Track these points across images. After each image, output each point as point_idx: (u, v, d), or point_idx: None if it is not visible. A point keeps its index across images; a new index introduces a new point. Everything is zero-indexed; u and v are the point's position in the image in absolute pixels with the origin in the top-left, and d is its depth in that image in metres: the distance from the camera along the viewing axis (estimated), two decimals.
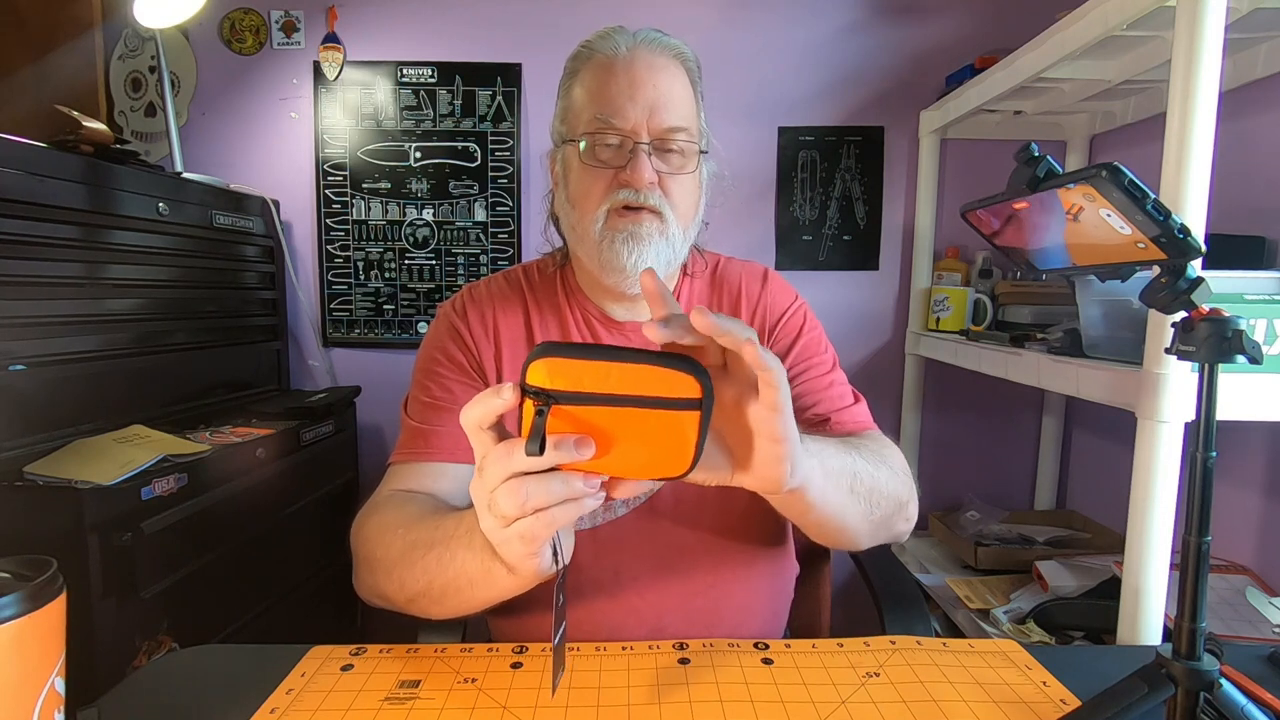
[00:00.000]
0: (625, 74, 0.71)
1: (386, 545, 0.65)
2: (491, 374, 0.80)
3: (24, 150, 1.05)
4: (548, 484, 0.46)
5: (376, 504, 0.72)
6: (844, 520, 0.63)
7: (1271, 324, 0.81)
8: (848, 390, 0.84)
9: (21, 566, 0.45)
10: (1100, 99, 1.44)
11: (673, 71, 0.73)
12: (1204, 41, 0.75)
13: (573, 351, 0.43)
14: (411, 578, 0.61)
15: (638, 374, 0.43)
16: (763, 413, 0.47)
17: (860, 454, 0.66)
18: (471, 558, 0.55)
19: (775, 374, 0.45)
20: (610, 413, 0.45)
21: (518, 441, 0.46)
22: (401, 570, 0.62)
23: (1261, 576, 1.14)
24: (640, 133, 0.71)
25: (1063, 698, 0.59)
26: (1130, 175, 0.43)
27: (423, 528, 0.63)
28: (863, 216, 1.79)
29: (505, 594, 0.56)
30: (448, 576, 0.58)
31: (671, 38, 0.76)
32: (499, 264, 1.78)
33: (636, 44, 0.73)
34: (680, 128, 0.72)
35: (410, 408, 0.81)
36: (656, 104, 0.71)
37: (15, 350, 1.03)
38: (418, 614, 0.64)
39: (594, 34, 0.76)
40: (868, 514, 0.65)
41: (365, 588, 0.69)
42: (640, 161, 0.70)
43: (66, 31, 1.71)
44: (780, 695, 0.58)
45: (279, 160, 1.76)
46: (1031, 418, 1.79)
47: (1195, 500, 0.48)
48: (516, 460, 0.46)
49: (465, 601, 0.59)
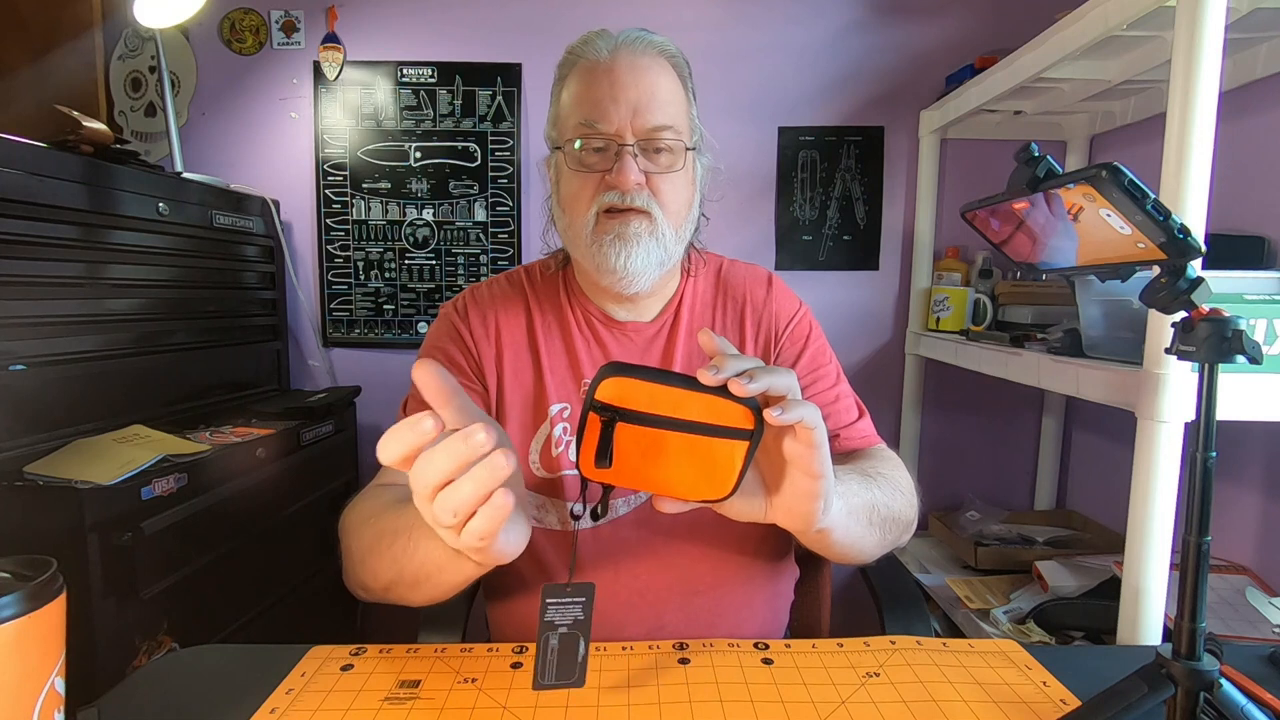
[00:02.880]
0: (607, 77, 0.71)
1: (360, 536, 0.66)
2: (491, 375, 0.80)
3: (24, 150, 1.05)
4: (459, 484, 0.44)
5: (360, 498, 0.73)
6: (861, 549, 0.67)
7: (1271, 324, 0.81)
8: (853, 404, 0.85)
9: (21, 566, 0.45)
10: (1100, 99, 1.44)
11: (657, 70, 0.73)
12: (1204, 41, 0.75)
13: (643, 374, 0.48)
14: (383, 567, 0.62)
15: (700, 401, 0.47)
16: (800, 449, 0.50)
17: (878, 485, 0.68)
18: (434, 546, 0.55)
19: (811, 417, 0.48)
20: (668, 435, 0.49)
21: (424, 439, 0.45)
22: (374, 560, 0.63)
23: (1261, 576, 1.14)
24: (625, 135, 0.71)
25: (1063, 698, 0.59)
26: (1130, 175, 0.43)
27: (389, 516, 0.63)
28: (863, 216, 1.79)
29: (472, 577, 0.58)
30: (415, 564, 0.58)
31: (656, 35, 0.75)
32: (499, 264, 1.78)
33: (618, 46, 0.73)
34: (665, 126, 0.72)
35: (409, 407, 0.81)
36: (640, 105, 0.71)
37: (15, 350, 1.03)
38: (397, 601, 0.65)
39: (579, 39, 0.76)
40: (881, 540, 0.69)
41: (349, 579, 0.70)
42: (625, 164, 0.70)
43: (66, 31, 1.71)
44: (780, 695, 0.58)
45: (279, 160, 1.76)
46: (1031, 418, 1.79)
47: (1195, 500, 0.48)
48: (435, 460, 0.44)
49: (437, 587, 0.59)
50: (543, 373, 0.79)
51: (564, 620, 0.55)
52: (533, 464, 0.78)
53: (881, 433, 0.85)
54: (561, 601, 0.55)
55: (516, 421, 0.79)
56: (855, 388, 0.87)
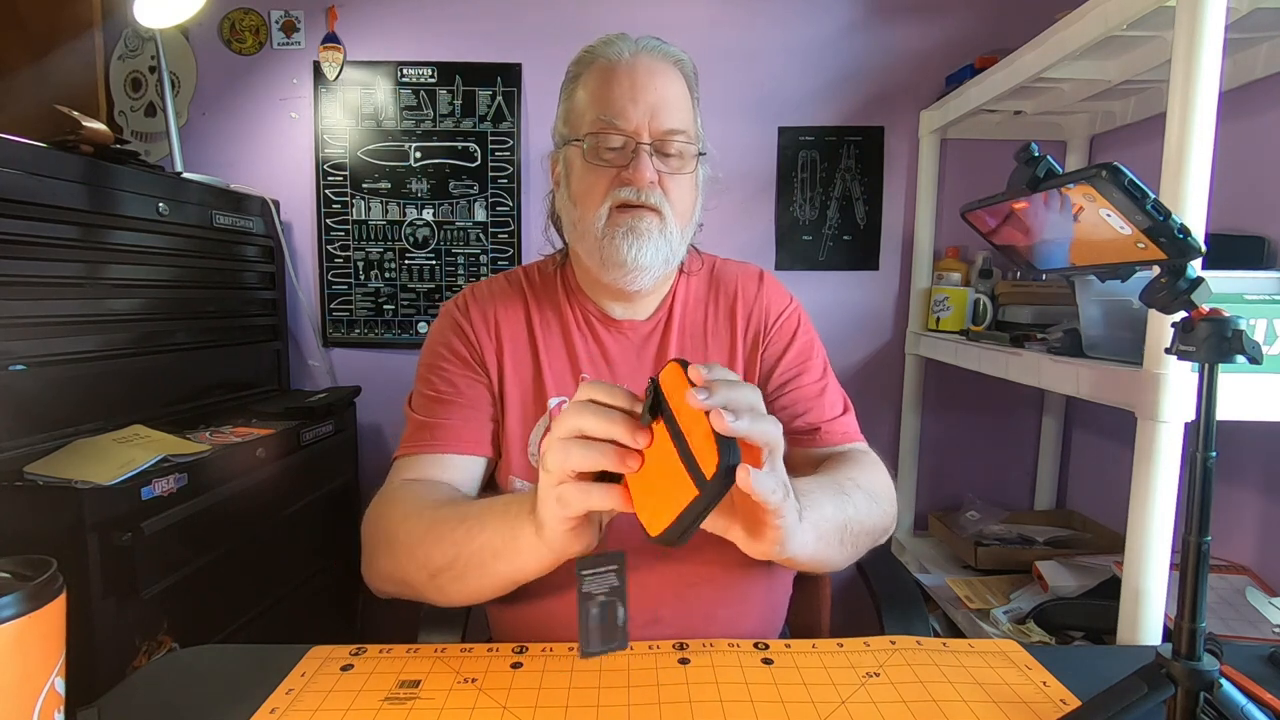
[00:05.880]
0: (628, 78, 0.74)
1: (410, 525, 0.68)
2: (493, 369, 0.82)
3: (24, 150, 1.05)
4: (600, 446, 0.50)
5: (393, 493, 0.74)
6: (829, 564, 0.68)
7: (1271, 324, 0.81)
8: (839, 398, 0.86)
9: (21, 566, 0.45)
10: (1100, 99, 1.44)
11: (672, 77, 0.76)
12: (1204, 41, 0.75)
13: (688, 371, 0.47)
14: (439, 551, 0.64)
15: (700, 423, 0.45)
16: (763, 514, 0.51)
17: (852, 500, 0.69)
18: (502, 525, 0.60)
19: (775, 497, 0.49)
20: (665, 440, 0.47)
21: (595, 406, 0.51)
22: (428, 545, 0.65)
23: (1261, 576, 1.14)
24: (642, 133, 0.73)
25: (1063, 698, 0.59)
26: (1130, 175, 0.43)
27: (450, 507, 0.67)
28: (863, 216, 1.78)
29: (526, 570, 0.60)
30: (475, 546, 0.62)
31: (671, 46, 0.78)
32: (499, 264, 1.78)
33: (639, 50, 0.76)
34: (680, 130, 0.75)
35: (415, 402, 0.83)
36: (657, 107, 0.73)
37: (15, 350, 1.03)
38: (434, 596, 0.67)
39: (597, 40, 0.78)
40: (851, 555, 0.70)
41: (380, 574, 0.71)
42: (642, 161, 0.73)
43: (66, 31, 1.71)
44: (780, 695, 0.58)
45: (279, 160, 1.76)
46: (1031, 418, 1.79)
47: (1195, 500, 0.48)
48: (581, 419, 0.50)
49: (488, 575, 0.62)
50: (541, 367, 0.81)
51: (600, 589, 0.55)
52: (531, 455, 0.79)
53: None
54: (597, 572, 0.55)
55: (517, 414, 0.80)
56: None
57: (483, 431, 0.80)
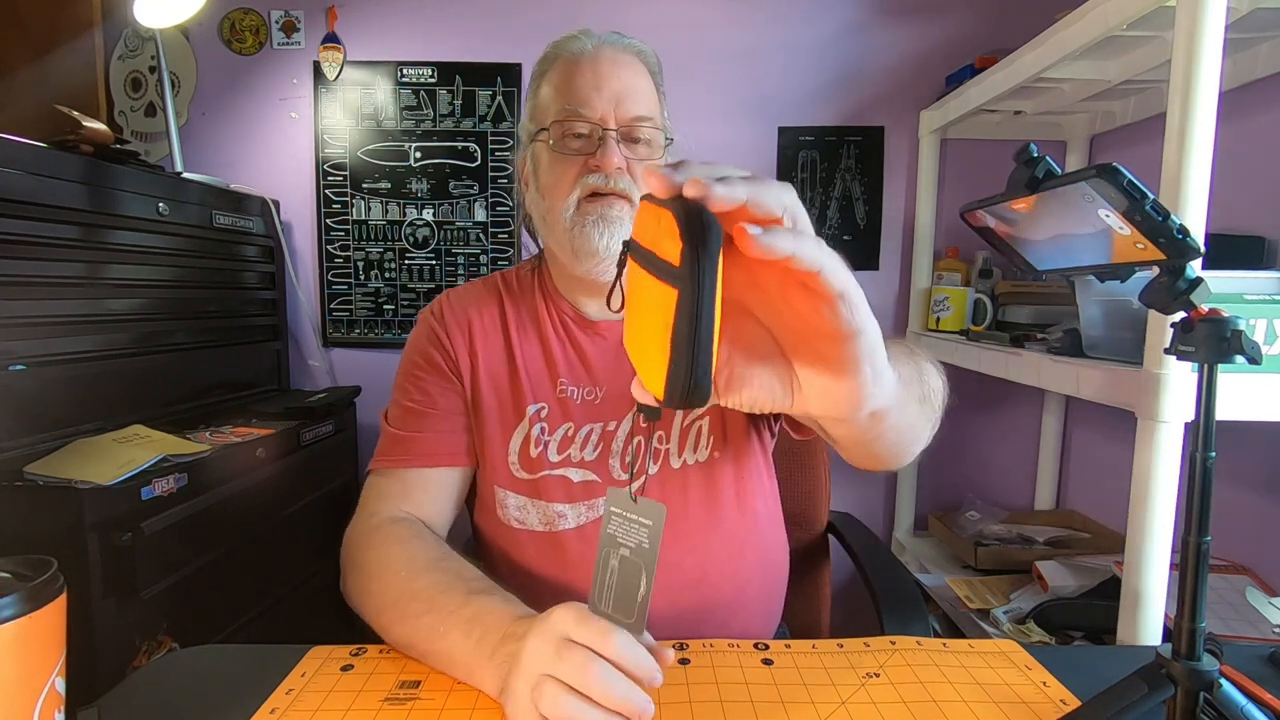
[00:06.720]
0: (591, 68, 0.75)
1: (383, 585, 0.66)
2: (466, 371, 0.80)
3: (24, 150, 1.05)
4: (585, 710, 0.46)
5: (373, 529, 0.74)
6: (913, 425, 0.55)
7: (1271, 324, 0.81)
8: None
9: (21, 566, 0.45)
10: (1100, 99, 1.44)
11: (635, 67, 0.77)
12: (1204, 41, 0.75)
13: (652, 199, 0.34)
14: (400, 630, 0.63)
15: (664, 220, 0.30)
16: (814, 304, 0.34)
17: (916, 354, 0.60)
18: (466, 647, 0.56)
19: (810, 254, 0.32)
20: (645, 281, 0.33)
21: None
22: (391, 616, 0.64)
23: (1261, 576, 1.14)
24: (608, 120, 0.73)
25: (1063, 698, 0.59)
26: (1129, 175, 0.43)
27: (424, 582, 0.63)
28: (863, 216, 1.79)
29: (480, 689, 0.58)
30: (434, 648, 0.59)
31: (633, 39, 0.79)
32: (499, 264, 1.78)
33: (601, 43, 0.77)
34: (645, 116, 0.75)
35: (390, 413, 0.82)
36: (622, 95, 0.74)
37: (15, 350, 1.03)
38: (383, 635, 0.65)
39: (560, 37, 0.79)
40: (929, 421, 0.59)
41: (349, 597, 0.71)
42: (609, 147, 0.73)
43: (66, 31, 1.71)
44: (780, 696, 0.58)
45: (279, 160, 1.76)
46: (1031, 418, 1.79)
47: (1195, 500, 0.48)
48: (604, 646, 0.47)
49: (444, 668, 0.60)
50: (518, 373, 0.80)
51: (627, 540, 0.47)
52: (512, 464, 0.78)
53: None
54: (627, 515, 0.47)
55: (495, 421, 0.79)
56: None
57: (457, 442, 0.79)
